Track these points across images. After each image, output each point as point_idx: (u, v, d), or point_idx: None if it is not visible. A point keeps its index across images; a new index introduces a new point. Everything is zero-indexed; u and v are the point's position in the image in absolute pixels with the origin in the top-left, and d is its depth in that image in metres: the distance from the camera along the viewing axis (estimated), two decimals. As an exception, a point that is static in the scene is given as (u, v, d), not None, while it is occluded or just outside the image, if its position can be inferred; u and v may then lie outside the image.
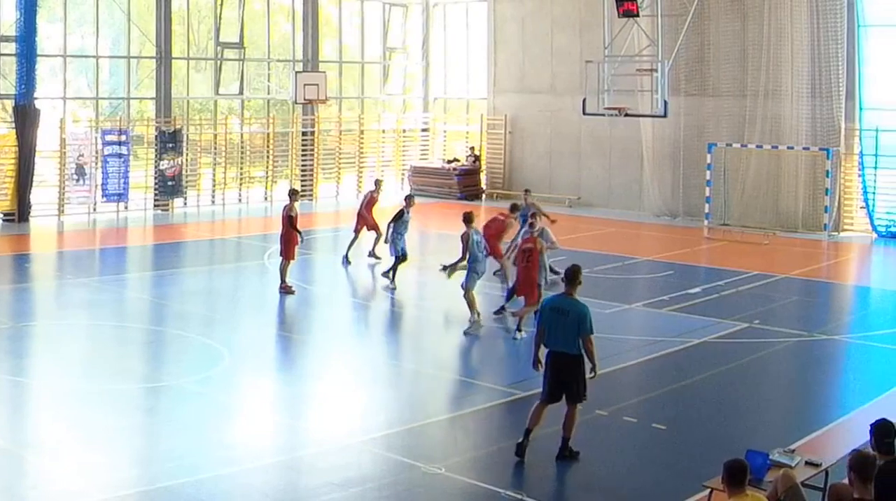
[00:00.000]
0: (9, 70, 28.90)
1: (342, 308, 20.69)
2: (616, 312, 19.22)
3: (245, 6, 34.27)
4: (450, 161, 38.38)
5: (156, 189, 31.84)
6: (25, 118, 28.62)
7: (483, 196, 37.30)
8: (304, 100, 33.69)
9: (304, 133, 35.78)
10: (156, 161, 31.71)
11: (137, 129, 32.43)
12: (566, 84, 35.06)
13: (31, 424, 13.00)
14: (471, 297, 17.98)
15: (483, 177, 38.09)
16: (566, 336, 11.57)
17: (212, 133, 33.72)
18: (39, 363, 15.82)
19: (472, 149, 38.23)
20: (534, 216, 19.75)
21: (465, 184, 37.29)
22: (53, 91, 30.69)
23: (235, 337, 17.38)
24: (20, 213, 28.92)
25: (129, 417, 13.11)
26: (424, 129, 39.93)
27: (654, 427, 13.04)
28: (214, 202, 33.54)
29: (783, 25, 30.33)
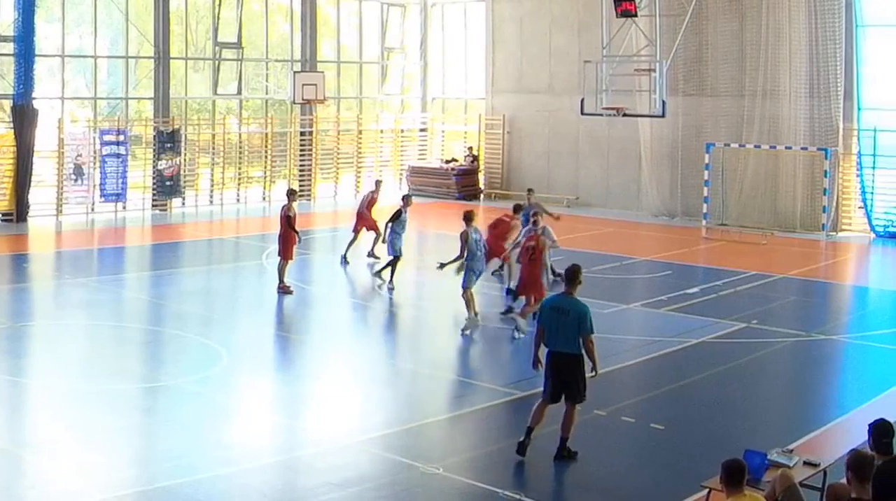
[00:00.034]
0: (7, 70, 28.90)
1: (340, 308, 20.68)
2: (614, 312, 19.23)
3: (243, 6, 34.26)
4: (448, 161, 38.37)
5: (154, 189, 31.83)
6: (23, 118, 28.61)
7: (481, 196, 37.27)
8: (303, 100, 33.68)
9: (303, 133, 35.78)
10: (154, 161, 31.70)
11: (136, 129, 32.41)
12: (564, 84, 35.06)
13: (30, 424, 12.99)
14: (468, 296, 18.00)
15: (481, 177, 38.06)
16: (566, 335, 11.57)
17: (210, 133, 33.71)
18: (38, 363, 15.82)
19: (471, 149, 38.21)
20: (535, 215, 19.75)
21: (464, 184, 37.27)
22: (51, 91, 30.68)
23: (234, 337, 17.37)
24: (18, 213, 28.91)
25: (128, 417, 13.10)
26: (422, 129, 39.92)
27: (653, 427, 13.04)
28: (213, 202, 33.53)
29: (781, 25, 30.35)
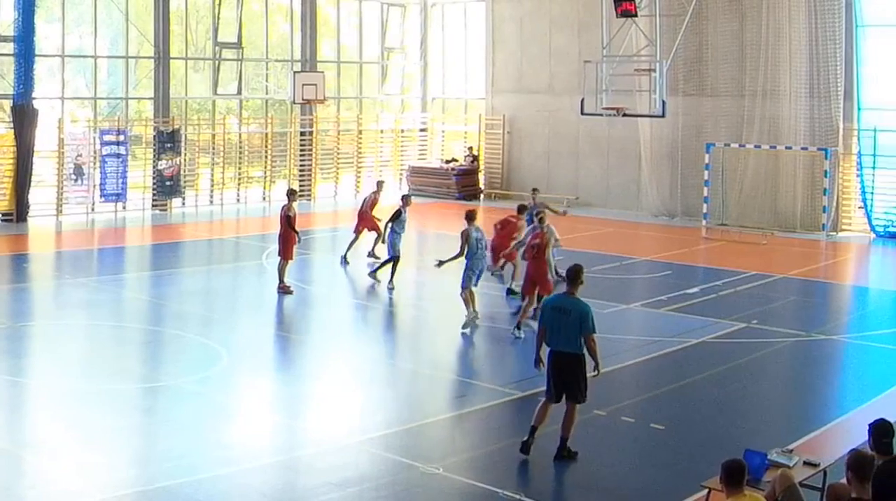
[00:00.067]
0: (7, 70, 28.89)
1: (340, 308, 20.68)
2: (614, 312, 19.23)
3: (243, 6, 34.26)
4: (448, 161, 38.36)
5: (154, 189, 31.82)
6: (23, 118, 28.61)
7: (481, 196, 37.27)
8: (303, 100, 33.68)
9: (303, 133, 35.77)
10: (154, 161, 31.69)
11: (136, 129, 32.40)
12: (564, 84, 35.05)
13: (30, 424, 12.99)
14: (466, 296, 18.05)
15: (481, 177, 38.06)
16: (568, 335, 11.58)
17: (210, 133, 33.71)
18: (38, 363, 15.82)
19: (471, 149, 38.20)
20: (539, 214, 19.66)
21: (464, 184, 37.26)
22: (51, 91, 30.68)
23: (234, 337, 17.37)
24: (18, 213, 28.91)
25: (128, 417, 13.11)
26: (423, 129, 39.91)
27: (653, 427, 13.04)
28: (213, 202, 33.53)
29: (781, 25, 30.34)
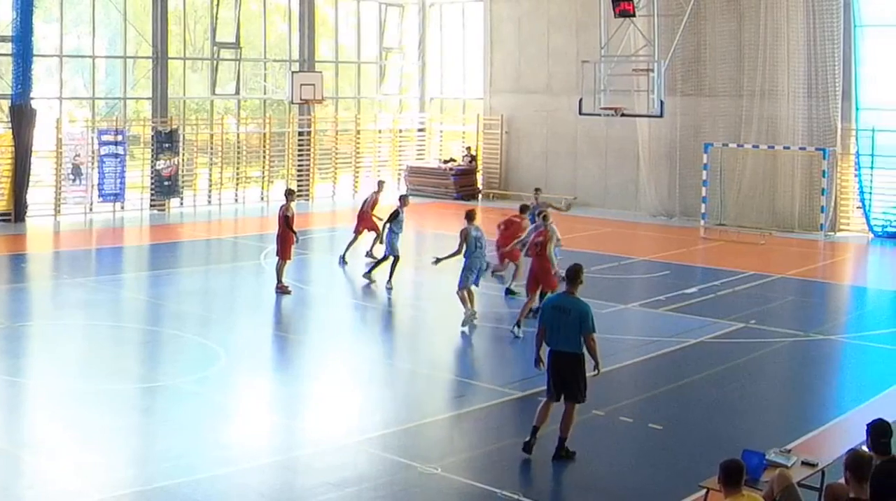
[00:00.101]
0: (5, 70, 28.89)
1: (338, 308, 20.67)
2: (612, 312, 19.22)
3: (241, 6, 34.25)
4: (446, 161, 38.37)
5: (152, 189, 31.81)
6: (22, 118, 28.60)
7: (479, 196, 37.27)
8: (301, 100, 33.68)
9: (301, 133, 35.76)
10: (152, 161, 31.68)
11: (134, 129, 32.38)
12: (562, 84, 35.05)
13: (28, 424, 12.98)
14: (463, 295, 18.13)
15: (479, 177, 38.07)
16: (568, 334, 11.60)
17: (208, 133, 33.71)
18: (36, 363, 15.82)
19: (469, 149, 38.21)
20: (541, 213, 19.55)
21: (462, 184, 37.26)
22: (50, 91, 30.68)
23: (232, 337, 17.37)
24: (16, 213, 28.89)
25: (126, 417, 13.10)
26: (421, 129, 39.91)
27: (651, 427, 13.04)
28: (211, 202, 33.51)
29: (779, 25, 30.35)
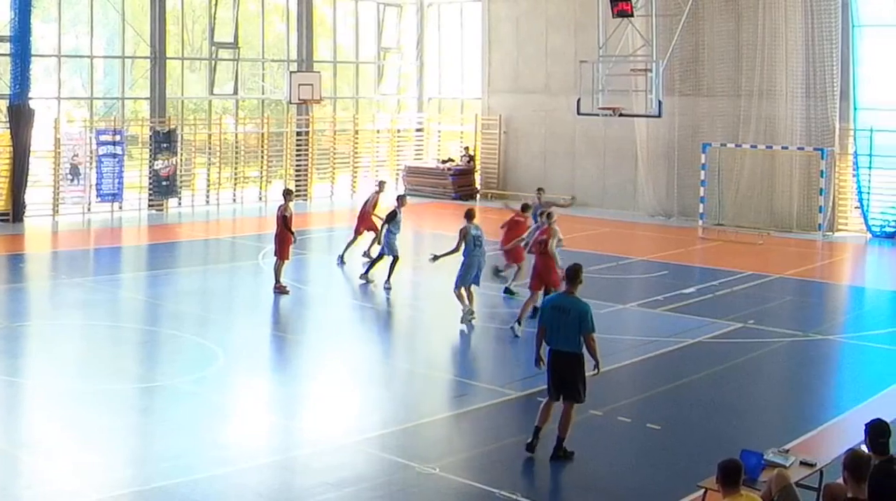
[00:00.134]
0: (3, 70, 28.88)
1: (337, 308, 20.65)
2: (611, 312, 19.21)
3: (239, 6, 34.25)
4: (444, 161, 38.37)
5: (150, 189, 31.81)
6: (20, 118, 28.58)
7: (477, 196, 37.27)
8: (299, 100, 33.66)
9: (299, 133, 35.75)
10: (150, 161, 31.67)
11: (132, 129, 32.38)
12: (561, 84, 35.06)
13: (26, 424, 12.96)
14: (460, 294, 18.27)
15: (477, 177, 38.08)
16: (567, 334, 11.61)
17: (206, 133, 33.70)
18: (34, 363, 15.80)
19: (467, 149, 38.21)
20: (542, 213, 19.46)
21: (460, 184, 37.26)
22: (48, 91, 30.65)
23: (230, 337, 17.37)
24: (15, 213, 28.86)
25: (124, 417, 13.09)
26: (419, 129, 39.91)
27: (649, 427, 13.04)
28: (209, 202, 33.50)
29: (777, 25, 30.36)
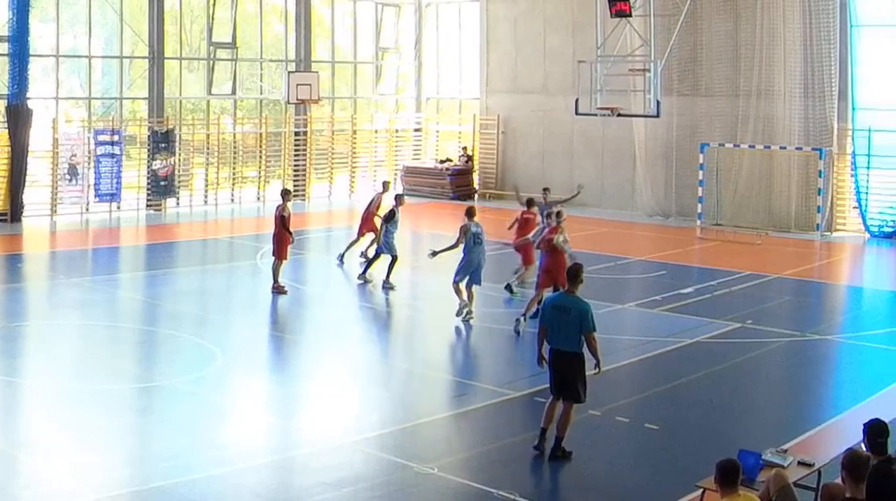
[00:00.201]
0: (1, 70, 28.86)
1: (335, 308, 20.64)
2: (609, 312, 19.20)
3: (237, 6, 34.24)
4: (442, 161, 38.37)
5: (148, 189, 31.80)
6: (18, 118, 28.57)
7: (475, 196, 37.26)
8: (297, 100, 33.66)
9: (297, 133, 35.76)
10: (148, 161, 31.66)
11: (130, 129, 32.39)
12: (559, 84, 35.06)
13: (24, 424, 12.95)
14: (458, 288, 18.42)
15: (476, 177, 38.09)
16: (568, 333, 11.64)
17: (204, 133, 33.68)
18: (32, 363, 15.79)
19: (465, 149, 38.22)
20: (549, 213, 19.42)
21: (458, 184, 37.27)
22: (46, 91, 30.62)
23: (228, 337, 17.36)
24: (13, 213, 28.86)
25: (122, 417, 13.08)
26: (417, 129, 39.91)
27: (647, 427, 13.04)
28: (207, 202, 33.49)
29: (776, 25, 30.37)
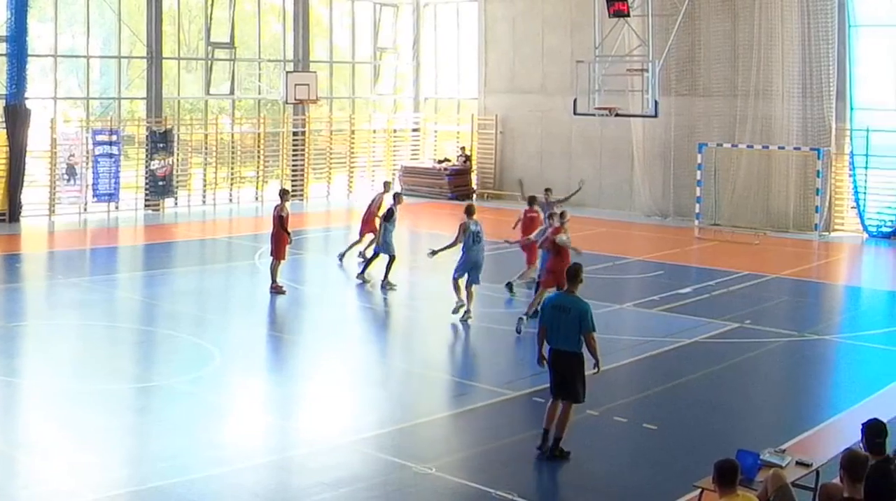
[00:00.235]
0: (-1, 70, 28.89)
1: (333, 308, 20.65)
2: (607, 312, 19.18)
3: (236, 6, 34.23)
4: (440, 161, 38.36)
5: (146, 189, 31.79)
6: (16, 118, 28.55)
7: (474, 196, 37.25)
8: (295, 100, 33.65)
9: (295, 133, 35.75)
10: (146, 161, 31.65)
11: (128, 129, 32.38)
12: (557, 84, 35.07)
13: (22, 424, 12.95)
14: (458, 284, 18.49)
15: (474, 177, 38.08)
16: (567, 333, 11.66)
17: (202, 133, 33.67)
18: (30, 363, 15.78)
19: (463, 149, 38.21)
20: (552, 214, 19.37)
21: (456, 184, 37.25)
22: (44, 91, 30.60)
23: (226, 338, 17.36)
24: (11, 213, 28.85)
25: (120, 417, 13.08)
26: (415, 129, 39.91)
27: (645, 427, 13.05)
28: (205, 202, 33.48)
29: (774, 25, 30.38)
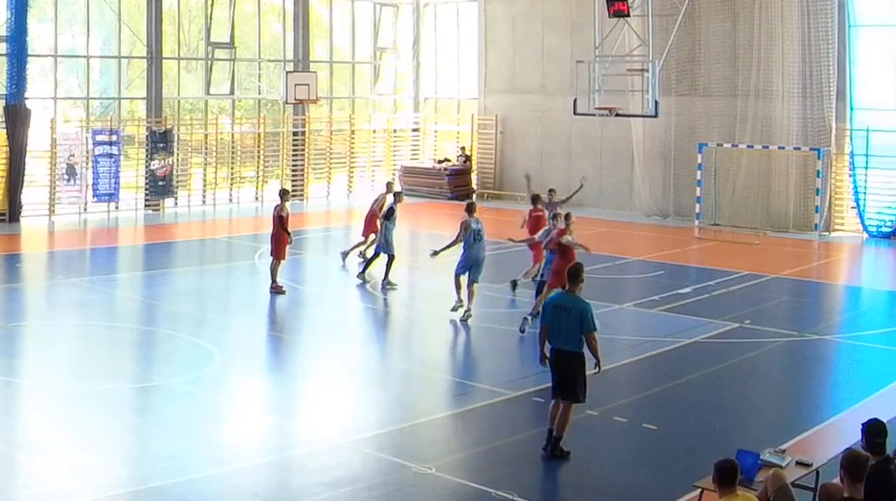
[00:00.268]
0: (-1, 70, 28.89)
1: (333, 308, 20.65)
2: (607, 312, 19.18)
3: (236, 6, 34.23)
4: (440, 161, 38.36)
5: (146, 189, 31.79)
6: (16, 118, 28.56)
7: (474, 196, 37.22)
8: (295, 100, 33.65)
9: (295, 133, 35.75)
10: (146, 161, 31.66)
11: (128, 129, 32.39)
12: (557, 84, 35.07)
13: (22, 424, 12.95)
14: (458, 282, 18.55)
15: (474, 177, 38.09)
16: (569, 333, 11.68)
17: (202, 133, 33.68)
18: (30, 363, 15.78)
19: (463, 149, 38.22)
20: (556, 215, 19.34)
21: (456, 184, 37.26)
22: (44, 91, 30.60)
23: (226, 338, 17.36)
24: (11, 213, 28.85)
25: (120, 417, 13.08)
26: (415, 129, 39.91)
27: (645, 427, 13.05)
28: (205, 202, 33.48)
29: (774, 25, 30.39)
